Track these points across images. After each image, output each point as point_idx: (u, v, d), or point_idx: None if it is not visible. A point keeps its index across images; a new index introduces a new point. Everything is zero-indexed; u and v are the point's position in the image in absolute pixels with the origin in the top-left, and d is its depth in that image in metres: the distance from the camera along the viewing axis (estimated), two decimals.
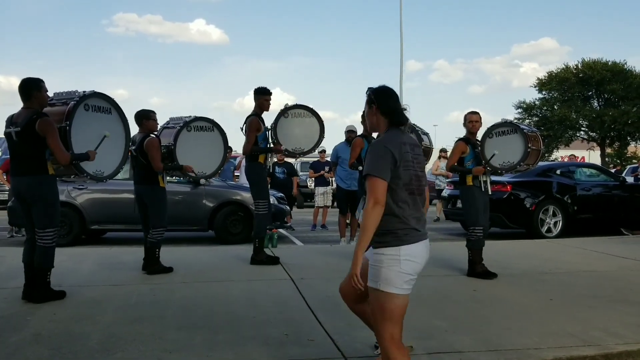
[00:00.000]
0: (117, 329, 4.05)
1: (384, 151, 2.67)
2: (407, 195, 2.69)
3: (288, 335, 3.98)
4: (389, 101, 2.84)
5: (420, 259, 2.70)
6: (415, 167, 2.74)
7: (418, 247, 2.68)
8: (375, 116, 2.85)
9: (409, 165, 2.69)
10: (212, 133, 6.51)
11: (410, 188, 2.70)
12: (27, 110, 4.65)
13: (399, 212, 2.67)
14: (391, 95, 2.87)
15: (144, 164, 5.91)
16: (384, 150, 2.67)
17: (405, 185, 2.68)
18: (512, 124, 6.26)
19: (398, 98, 2.88)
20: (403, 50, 27.97)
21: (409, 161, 2.70)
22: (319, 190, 12.00)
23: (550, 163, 12.30)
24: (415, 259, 2.67)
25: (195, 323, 4.23)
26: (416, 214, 2.72)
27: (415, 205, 2.72)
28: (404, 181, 2.68)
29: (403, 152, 2.68)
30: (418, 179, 2.74)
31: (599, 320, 4.39)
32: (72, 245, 8.72)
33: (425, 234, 2.76)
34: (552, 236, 10.04)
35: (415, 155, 2.77)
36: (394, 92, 2.90)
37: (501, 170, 6.20)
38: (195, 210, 9.43)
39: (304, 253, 7.93)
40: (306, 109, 6.94)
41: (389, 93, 2.88)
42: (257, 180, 6.58)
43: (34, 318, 4.29)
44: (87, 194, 9.15)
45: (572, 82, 37.42)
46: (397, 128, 2.80)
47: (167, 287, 5.41)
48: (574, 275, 6.21)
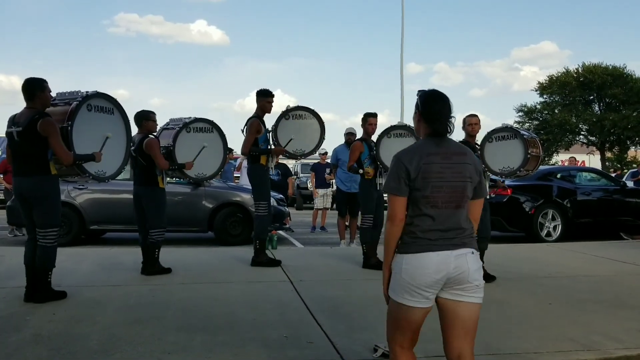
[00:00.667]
0: (116, 330, 4.05)
1: (395, 164, 2.59)
2: (430, 209, 2.53)
3: (287, 337, 3.98)
4: (432, 107, 2.64)
5: (430, 269, 2.48)
6: (446, 178, 2.54)
7: (427, 256, 2.50)
8: (418, 121, 2.71)
9: (431, 176, 2.52)
10: (211, 134, 6.51)
11: (433, 201, 2.53)
12: (29, 110, 4.65)
13: (417, 223, 2.55)
14: (436, 102, 2.66)
15: (143, 164, 5.91)
16: (396, 164, 2.59)
17: (424, 198, 2.53)
18: (512, 129, 6.26)
19: (445, 105, 2.66)
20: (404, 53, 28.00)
21: (434, 172, 2.52)
22: (319, 192, 12.00)
23: (551, 167, 12.30)
24: (420, 269, 2.49)
25: (195, 324, 4.22)
26: (440, 227, 2.53)
27: (441, 220, 2.53)
28: (423, 194, 2.53)
29: (424, 163, 2.52)
30: (449, 190, 2.54)
31: (598, 325, 4.39)
32: (71, 245, 8.70)
33: (448, 245, 2.52)
34: (551, 240, 10.04)
35: (450, 165, 2.56)
36: (440, 99, 2.68)
37: (501, 175, 6.22)
38: (194, 212, 9.43)
39: (304, 255, 7.93)
40: (307, 110, 6.94)
41: (434, 99, 2.68)
42: (259, 181, 6.58)
43: (34, 318, 4.29)
44: (86, 194, 9.14)
45: (573, 86, 37.45)
46: (435, 137, 2.63)
47: (166, 288, 5.40)
48: (574, 280, 6.21)
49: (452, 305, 2.56)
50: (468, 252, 2.55)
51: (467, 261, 2.53)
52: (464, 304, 2.55)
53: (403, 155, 2.61)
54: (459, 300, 2.55)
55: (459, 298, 2.54)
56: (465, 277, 2.52)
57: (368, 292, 5.35)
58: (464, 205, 2.58)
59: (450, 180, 2.55)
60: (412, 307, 2.54)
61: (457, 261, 2.51)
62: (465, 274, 2.51)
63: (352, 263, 6.88)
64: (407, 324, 2.62)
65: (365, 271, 6.47)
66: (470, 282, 2.52)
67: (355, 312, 4.66)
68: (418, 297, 2.52)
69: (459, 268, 2.50)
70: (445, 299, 2.56)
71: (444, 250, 2.51)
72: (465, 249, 2.55)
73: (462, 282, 2.52)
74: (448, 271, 2.49)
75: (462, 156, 2.61)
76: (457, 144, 2.70)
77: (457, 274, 2.50)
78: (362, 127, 6.85)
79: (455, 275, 2.50)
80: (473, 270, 2.53)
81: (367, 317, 4.44)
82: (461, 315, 2.56)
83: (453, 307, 2.56)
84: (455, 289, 2.53)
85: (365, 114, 6.82)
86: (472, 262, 2.54)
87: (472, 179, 2.60)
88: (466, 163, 2.60)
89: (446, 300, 2.56)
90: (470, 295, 2.54)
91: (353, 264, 6.82)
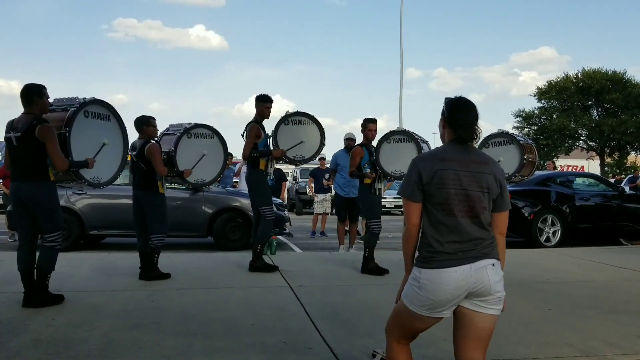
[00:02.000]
0: (115, 335, 4.05)
1: (411, 168, 2.57)
2: (445, 217, 2.49)
3: (286, 343, 3.98)
4: (458, 114, 2.60)
5: (449, 286, 2.42)
6: (462, 186, 2.48)
7: (446, 273, 2.43)
8: (443, 127, 2.68)
9: (446, 183, 2.47)
10: (212, 140, 6.53)
11: (448, 208, 2.48)
12: (27, 115, 4.67)
13: (431, 233, 2.51)
14: (462, 109, 2.62)
15: (143, 169, 5.92)
16: (411, 167, 2.57)
17: (439, 205, 2.49)
18: (508, 135, 6.29)
19: (471, 112, 2.62)
20: (403, 58, 28.12)
21: (448, 179, 2.47)
22: (318, 197, 12.01)
23: (549, 172, 12.29)
24: (440, 285, 2.43)
25: (194, 330, 4.22)
26: (457, 237, 2.48)
27: (457, 229, 2.48)
28: (437, 200, 2.49)
29: (439, 168, 2.48)
30: (465, 199, 2.49)
31: (597, 331, 4.40)
32: (71, 250, 8.71)
33: (467, 258, 2.46)
34: (550, 245, 10.06)
35: (468, 173, 2.50)
36: (466, 106, 2.63)
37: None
38: (194, 217, 9.45)
39: (303, 260, 7.92)
40: (307, 116, 6.96)
41: (460, 105, 2.64)
42: (258, 186, 6.58)
43: (33, 323, 4.29)
44: (86, 199, 9.14)
45: (571, 92, 37.56)
46: (458, 143, 2.58)
47: (165, 294, 5.40)
48: (573, 286, 6.22)
49: (471, 314, 2.52)
50: (488, 263, 2.49)
51: (488, 274, 2.47)
52: (483, 315, 2.51)
53: (419, 159, 2.60)
54: (478, 311, 2.51)
55: (478, 309, 2.50)
56: (486, 290, 2.47)
57: (367, 298, 5.37)
58: (482, 216, 2.51)
59: (466, 189, 2.49)
60: (425, 317, 2.53)
61: (477, 275, 2.45)
62: (486, 287, 2.46)
63: (351, 268, 6.89)
64: (413, 328, 2.63)
65: (364, 276, 6.47)
66: (492, 294, 2.48)
67: (354, 317, 4.66)
68: (435, 312, 2.50)
69: (479, 282, 2.45)
70: (464, 308, 2.52)
71: (463, 265, 2.45)
72: (485, 260, 2.49)
73: (484, 295, 2.48)
74: (468, 287, 2.45)
75: (483, 165, 2.55)
76: (479, 153, 2.64)
77: (479, 288, 2.46)
78: (361, 132, 6.86)
79: (477, 289, 2.46)
80: (494, 282, 2.48)
81: (365, 323, 4.45)
82: (479, 325, 2.52)
83: (471, 316, 2.52)
84: (476, 300, 2.49)
85: (365, 120, 6.84)
86: (493, 274, 2.48)
87: (490, 189, 2.53)
88: (485, 173, 2.53)
89: (465, 309, 2.52)
90: (491, 307, 2.50)
91: (352, 270, 6.82)
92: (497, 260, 2.54)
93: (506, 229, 2.66)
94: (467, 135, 2.57)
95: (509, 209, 2.64)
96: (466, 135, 2.57)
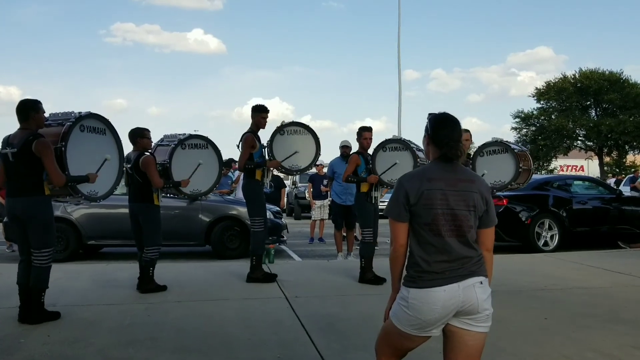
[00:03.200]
0: (111, 352, 4.04)
1: (397, 188, 2.55)
2: (432, 237, 2.47)
3: (281, 358, 3.97)
4: (442, 131, 2.57)
5: (438, 305, 2.41)
6: (449, 206, 2.46)
7: (434, 293, 2.42)
8: (427, 145, 2.64)
9: (433, 203, 2.45)
10: (206, 150, 6.52)
11: (435, 229, 2.46)
12: (23, 131, 4.66)
13: (418, 253, 2.50)
14: (446, 125, 2.59)
15: (139, 182, 5.92)
16: (398, 187, 2.55)
17: (427, 225, 2.47)
18: (502, 143, 6.30)
19: (455, 128, 2.59)
20: (401, 60, 28.20)
21: (435, 199, 2.45)
22: (316, 203, 12.01)
23: (546, 176, 12.30)
24: (428, 305, 2.42)
25: (189, 345, 4.22)
26: (444, 257, 2.46)
27: (444, 248, 2.46)
28: (424, 220, 2.47)
29: (426, 188, 2.46)
30: (452, 218, 2.46)
31: (593, 341, 4.39)
32: (69, 260, 8.73)
33: (455, 277, 2.44)
34: (548, 250, 10.05)
35: (455, 192, 2.48)
36: (450, 122, 2.61)
37: (492, 189, 6.23)
38: (191, 225, 9.44)
39: (300, 269, 7.90)
40: (302, 126, 6.96)
41: (444, 122, 2.61)
42: (253, 197, 6.58)
43: (27, 340, 4.27)
44: (83, 209, 9.13)
45: (569, 92, 37.61)
46: (443, 161, 2.56)
47: (161, 307, 5.40)
48: (570, 293, 6.21)
49: (460, 333, 2.50)
50: (476, 282, 2.47)
51: (476, 292, 2.46)
52: (472, 333, 2.49)
53: (405, 179, 2.57)
54: (467, 329, 2.49)
55: (467, 327, 2.49)
56: (475, 308, 2.45)
57: (363, 309, 5.35)
58: (468, 235, 2.49)
59: (453, 208, 2.47)
60: (414, 336, 2.52)
61: (465, 294, 2.44)
62: (474, 305, 2.45)
63: (349, 277, 6.87)
64: (402, 346, 2.62)
65: (361, 286, 6.46)
66: (480, 312, 2.47)
67: (350, 330, 4.65)
68: (424, 331, 2.49)
69: (467, 301, 2.44)
70: (453, 326, 2.50)
71: (451, 284, 2.43)
72: (473, 278, 2.47)
73: (472, 313, 2.46)
74: (457, 306, 2.43)
75: (469, 183, 2.53)
76: (464, 170, 2.61)
77: (467, 307, 2.44)
78: (357, 141, 6.85)
79: (465, 307, 2.45)
80: (482, 300, 2.46)
81: (361, 336, 4.43)
82: (469, 343, 2.50)
83: (461, 334, 2.50)
84: (464, 318, 2.48)
85: (360, 128, 6.83)
86: (481, 292, 2.47)
87: (476, 208, 2.51)
88: (472, 192, 2.51)
89: (454, 328, 2.50)
90: (479, 325, 2.49)
91: (349, 279, 6.81)
92: (485, 278, 2.53)
93: (492, 245, 2.65)
94: (452, 153, 2.54)
95: (495, 224, 2.63)
96: (451, 154, 2.54)
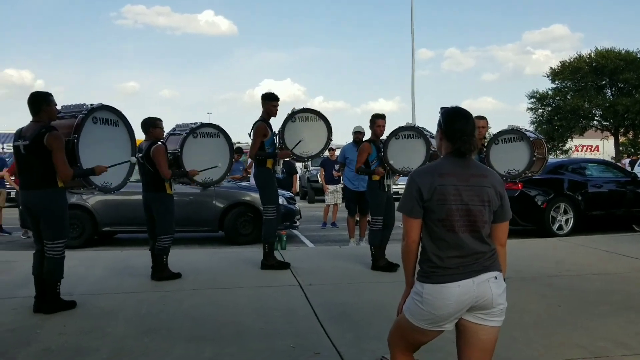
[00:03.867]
0: (126, 342, 4.09)
1: (409, 184, 2.52)
2: (446, 233, 2.45)
3: (295, 347, 4.00)
4: (454, 125, 2.54)
5: (452, 301, 2.40)
6: (463, 201, 2.44)
7: (448, 288, 2.41)
8: (440, 139, 2.62)
9: (446, 199, 2.43)
10: (217, 139, 6.53)
11: (449, 224, 2.44)
12: (36, 124, 4.69)
13: (431, 249, 2.48)
14: (458, 119, 2.56)
15: (151, 171, 5.96)
16: (410, 183, 2.52)
17: (440, 221, 2.45)
18: (518, 131, 6.22)
19: (468, 123, 2.56)
20: (414, 39, 27.97)
21: (449, 194, 2.43)
22: (329, 188, 12.01)
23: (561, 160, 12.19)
24: (442, 300, 2.41)
25: (204, 335, 4.26)
26: (457, 253, 2.45)
27: (458, 244, 2.45)
28: (438, 216, 2.45)
29: (439, 184, 2.44)
30: (466, 214, 2.44)
31: (606, 330, 4.37)
32: (84, 246, 8.84)
33: (469, 272, 2.43)
34: (563, 234, 10.01)
35: (468, 187, 2.46)
36: (463, 116, 2.57)
37: (506, 177, 6.18)
38: (205, 212, 9.53)
39: (313, 256, 7.91)
40: (313, 112, 6.93)
41: (456, 116, 2.58)
42: (265, 185, 6.61)
43: (43, 331, 4.33)
44: (98, 196, 9.19)
45: (585, 72, 37.13)
46: (456, 156, 2.53)
47: (176, 296, 5.44)
48: (584, 279, 6.19)
49: (474, 327, 2.49)
50: (491, 277, 2.46)
51: (490, 287, 2.44)
52: (486, 327, 2.48)
53: (417, 174, 2.54)
54: (481, 323, 2.48)
55: (481, 322, 2.48)
56: (489, 303, 2.44)
57: (376, 297, 5.37)
58: (482, 230, 2.47)
59: (467, 203, 2.45)
60: (428, 330, 2.52)
61: (479, 289, 2.42)
62: (488, 300, 2.44)
63: (362, 264, 6.89)
64: (416, 340, 2.63)
65: (374, 274, 6.48)
66: (494, 307, 2.46)
67: (364, 319, 4.66)
68: (437, 326, 2.49)
69: (481, 296, 2.43)
70: (467, 321, 2.49)
71: (465, 279, 2.42)
72: (487, 273, 2.46)
73: (486, 308, 2.45)
74: (471, 301, 2.42)
75: (482, 178, 2.50)
76: (478, 166, 2.58)
77: (481, 302, 2.43)
78: (370, 128, 6.81)
79: (479, 302, 2.44)
80: (497, 295, 2.45)
81: (375, 325, 4.44)
82: (482, 338, 2.50)
83: (474, 329, 2.49)
84: (478, 313, 2.47)
85: (373, 115, 6.79)
86: (495, 287, 2.46)
87: (490, 203, 2.48)
88: (485, 186, 2.48)
89: (468, 322, 2.49)
90: (493, 319, 2.48)
91: (362, 266, 6.83)
92: (499, 273, 2.52)
93: (506, 240, 2.63)
94: (465, 148, 2.51)
95: (509, 218, 2.61)
96: (464, 149, 2.51)
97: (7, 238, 10.64)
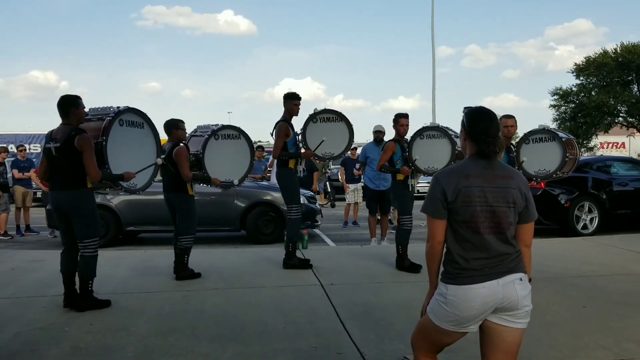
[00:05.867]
0: (151, 341, 4.16)
1: (433, 185, 2.52)
2: (471, 234, 2.44)
3: (317, 348, 4.03)
4: (479, 125, 2.52)
5: (477, 302, 2.39)
6: (488, 203, 2.42)
7: (473, 290, 2.40)
8: (464, 140, 2.61)
9: (471, 201, 2.42)
10: (239, 141, 6.60)
11: (474, 226, 2.43)
12: (65, 126, 4.82)
13: (456, 250, 2.48)
14: (482, 119, 2.54)
15: (173, 172, 6.04)
16: (434, 184, 2.51)
17: (465, 223, 2.44)
18: (550, 131, 6.12)
19: (492, 123, 2.53)
20: (434, 36, 27.82)
21: (474, 196, 2.42)
22: (350, 187, 12.03)
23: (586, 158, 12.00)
24: (467, 302, 2.40)
25: (227, 334, 4.31)
26: (482, 254, 2.44)
27: (483, 245, 2.43)
28: (462, 218, 2.44)
29: (463, 185, 2.43)
30: (491, 215, 2.43)
31: (632, 331, 4.32)
32: (108, 246, 8.97)
33: (494, 273, 2.42)
34: (587, 233, 9.89)
35: (493, 188, 2.44)
36: (487, 116, 2.55)
37: (536, 178, 6.10)
38: (227, 211, 9.62)
39: (334, 255, 7.91)
40: (334, 113, 6.95)
41: (481, 116, 2.56)
42: (288, 185, 6.65)
43: (72, 329, 4.43)
44: (122, 196, 9.34)
45: (611, 67, 36.43)
46: (480, 158, 2.52)
47: (199, 295, 5.51)
48: (609, 279, 6.10)
49: (499, 329, 2.49)
50: (516, 278, 2.45)
51: (516, 289, 2.43)
52: (510, 329, 2.48)
53: (441, 175, 2.53)
54: (506, 325, 2.47)
55: (506, 323, 2.47)
56: (514, 305, 2.44)
57: (398, 297, 5.37)
58: (507, 231, 2.46)
59: (492, 205, 2.43)
60: (452, 331, 2.52)
61: (504, 290, 2.41)
62: (514, 302, 2.43)
63: (383, 264, 6.89)
64: (439, 342, 2.63)
65: (396, 273, 6.47)
66: (519, 308, 2.45)
67: (385, 319, 4.67)
68: (462, 327, 2.49)
69: (507, 298, 2.42)
70: (492, 322, 2.49)
71: (490, 280, 2.41)
72: (512, 275, 2.45)
73: (512, 309, 2.45)
74: (495, 302, 2.41)
75: (507, 180, 2.48)
76: (503, 166, 2.56)
77: (506, 303, 2.43)
78: (393, 127, 6.79)
79: (504, 304, 2.43)
80: (522, 297, 2.44)
81: (396, 325, 4.46)
82: (507, 340, 2.50)
83: (499, 331, 2.49)
84: (503, 315, 2.46)
85: (397, 115, 6.78)
86: (521, 289, 2.45)
87: (516, 204, 2.47)
88: (510, 188, 2.47)
89: (493, 324, 2.49)
90: (518, 321, 2.47)
91: (384, 265, 6.83)
92: (525, 274, 2.51)
93: (531, 241, 2.61)
94: (489, 150, 2.49)
95: (535, 219, 2.59)
96: (489, 150, 2.49)
97: (35, 237, 10.86)
